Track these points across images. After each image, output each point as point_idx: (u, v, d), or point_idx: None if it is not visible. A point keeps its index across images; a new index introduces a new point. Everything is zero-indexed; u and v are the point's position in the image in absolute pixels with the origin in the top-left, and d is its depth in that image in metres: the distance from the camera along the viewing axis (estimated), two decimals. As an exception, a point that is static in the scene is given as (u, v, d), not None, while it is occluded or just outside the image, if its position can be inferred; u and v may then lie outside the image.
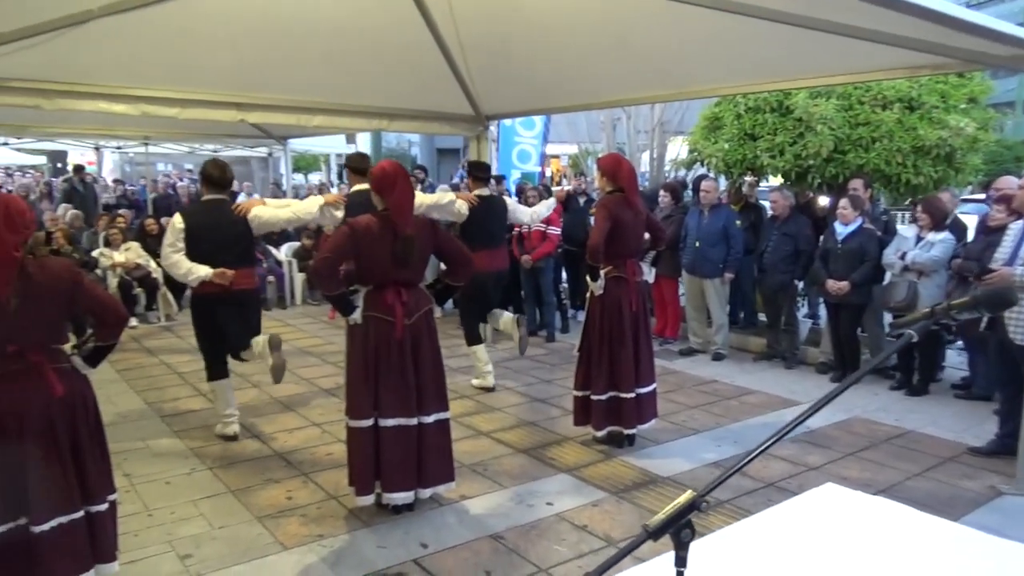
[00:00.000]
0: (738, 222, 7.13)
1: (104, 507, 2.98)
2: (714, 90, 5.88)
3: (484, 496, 4.11)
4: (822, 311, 7.21)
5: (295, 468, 4.50)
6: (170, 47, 4.91)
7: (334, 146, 16.42)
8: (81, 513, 2.88)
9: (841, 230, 6.13)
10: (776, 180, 7.65)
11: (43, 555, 2.76)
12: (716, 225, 6.97)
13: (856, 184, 6.33)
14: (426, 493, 3.84)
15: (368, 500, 3.74)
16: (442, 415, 3.82)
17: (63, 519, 2.81)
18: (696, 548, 1.17)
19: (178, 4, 4.09)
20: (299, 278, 10.10)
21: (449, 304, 8.25)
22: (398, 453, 3.67)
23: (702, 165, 8.06)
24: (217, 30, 4.77)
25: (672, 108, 11.72)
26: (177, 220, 4.62)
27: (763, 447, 1.15)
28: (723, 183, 8.31)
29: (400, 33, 5.14)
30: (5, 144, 13.16)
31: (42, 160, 21.74)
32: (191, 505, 3.99)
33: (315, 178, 22.75)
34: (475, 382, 6.13)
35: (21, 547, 2.77)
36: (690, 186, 8.73)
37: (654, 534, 1.10)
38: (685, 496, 1.12)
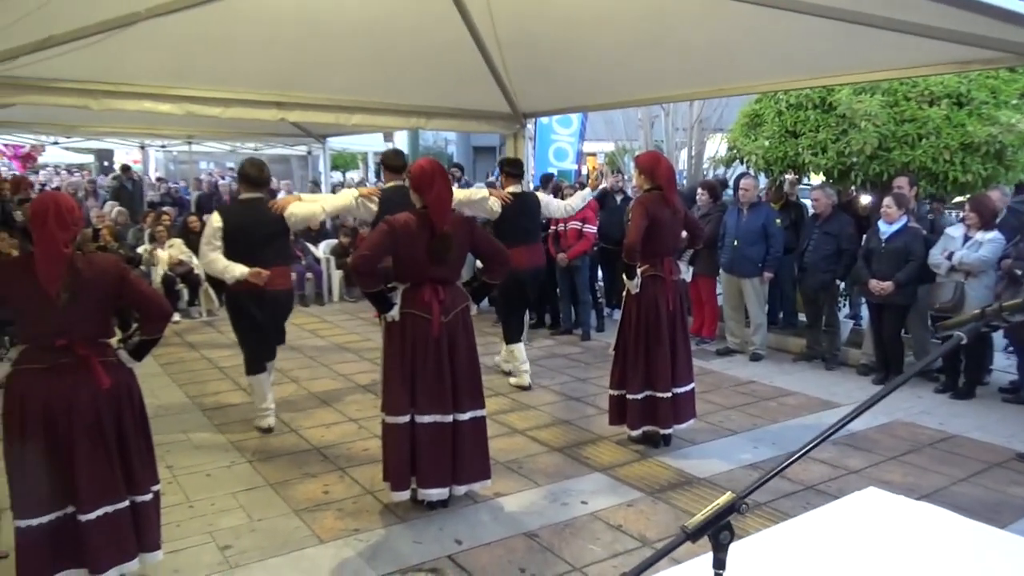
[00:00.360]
0: (778, 220, 7.02)
1: (148, 497, 3.06)
2: (755, 87, 5.80)
3: (518, 494, 4.11)
4: (864, 312, 7.07)
5: (332, 463, 4.55)
6: (213, 48, 5.00)
7: (372, 144, 16.58)
8: (126, 503, 2.96)
9: (885, 229, 6.00)
10: (817, 178, 7.51)
11: (90, 543, 2.85)
12: (755, 223, 6.87)
13: (901, 182, 6.19)
14: (461, 490, 3.86)
15: (404, 496, 3.77)
16: (478, 412, 3.83)
17: (109, 508, 2.89)
18: (734, 550, 1.15)
19: (221, 5, 4.15)
20: (336, 275, 10.22)
21: (484, 302, 8.28)
22: (434, 450, 3.69)
23: (741, 163, 7.95)
24: (258, 31, 4.85)
25: (711, 105, 11.59)
26: (215, 218, 4.71)
27: (806, 449, 1.13)
28: (763, 181, 8.19)
29: (438, 31, 5.16)
30: (55, 143, 13.55)
31: (90, 159, 22.36)
32: (231, 497, 4.06)
33: (353, 175, 22.99)
34: (512, 380, 6.14)
35: (70, 534, 2.85)
36: (730, 184, 8.62)
37: (693, 535, 1.09)
38: (724, 498, 1.10)
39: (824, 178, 7.24)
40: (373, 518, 3.82)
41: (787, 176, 7.62)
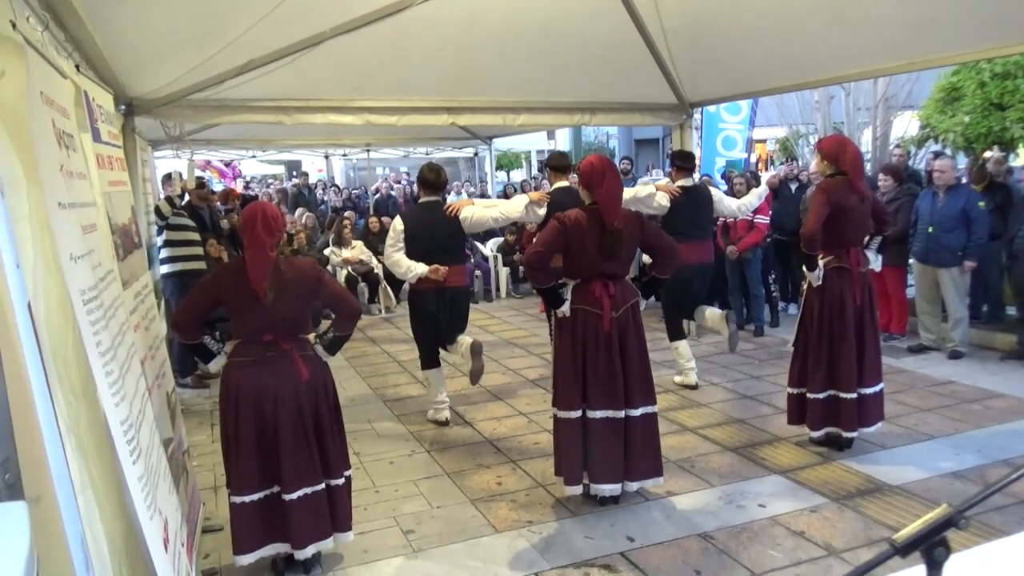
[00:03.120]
0: (982, 204, 6.33)
1: (341, 481, 3.30)
2: (954, 57, 5.22)
3: (691, 493, 4.01)
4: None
5: (504, 455, 4.68)
6: (388, 60, 5.30)
7: (535, 143, 16.88)
8: (323, 485, 3.22)
9: (1117, 210, 5.25)
10: (1027, 155, 6.72)
11: (292, 520, 3.13)
12: (954, 208, 6.24)
13: None
14: (633, 486, 3.83)
15: (576, 490, 3.80)
16: (649, 408, 3.78)
17: (308, 490, 3.16)
18: (948, 567, 1.05)
19: (395, 19, 4.39)
20: (504, 272, 10.49)
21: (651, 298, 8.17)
22: (606, 445, 3.69)
23: (936, 142, 7.26)
24: (429, 40, 5.07)
25: (898, 81, 10.66)
26: (397, 223, 5.05)
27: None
28: (961, 161, 7.43)
29: (602, 25, 5.13)
30: (253, 156, 14.97)
31: (280, 170, 24.46)
32: (412, 484, 4.29)
33: (516, 176, 23.46)
34: (677, 379, 5.99)
35: (275, 512, 3.14)
36: (913, 163, 7.84)
37: (903, 550, 1.01)
38: (940, 510, 1.01)
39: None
40: (545, 511, 3.88)
41: (989, 153, 6.87)
